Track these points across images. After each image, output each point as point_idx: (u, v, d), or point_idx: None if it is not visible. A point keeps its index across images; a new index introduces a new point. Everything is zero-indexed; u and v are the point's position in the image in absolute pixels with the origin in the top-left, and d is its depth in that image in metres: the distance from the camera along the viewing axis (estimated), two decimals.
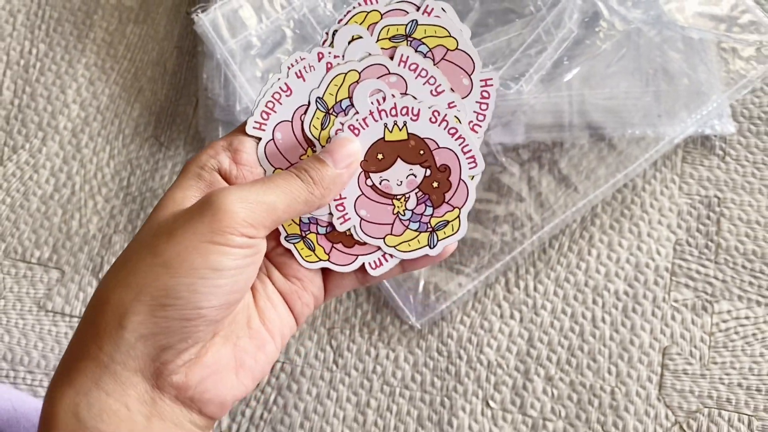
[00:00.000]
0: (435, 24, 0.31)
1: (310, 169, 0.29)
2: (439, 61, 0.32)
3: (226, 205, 0.26)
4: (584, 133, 0.54)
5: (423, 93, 0.32)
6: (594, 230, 0.54)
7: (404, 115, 0.32)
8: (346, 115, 0.32)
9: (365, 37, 0.32)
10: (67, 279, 0.55)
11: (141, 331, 0.26)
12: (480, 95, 0.32)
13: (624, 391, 0.51)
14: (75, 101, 0.59)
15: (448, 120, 0.32)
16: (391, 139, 0.32)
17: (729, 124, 0.56)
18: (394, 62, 0.31)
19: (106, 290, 0.27)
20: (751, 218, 0.54)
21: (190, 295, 0.26)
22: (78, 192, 0.57)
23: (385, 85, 0.32)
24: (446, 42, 0.31)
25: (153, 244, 0.26)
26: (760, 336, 0.52)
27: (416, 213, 0.33)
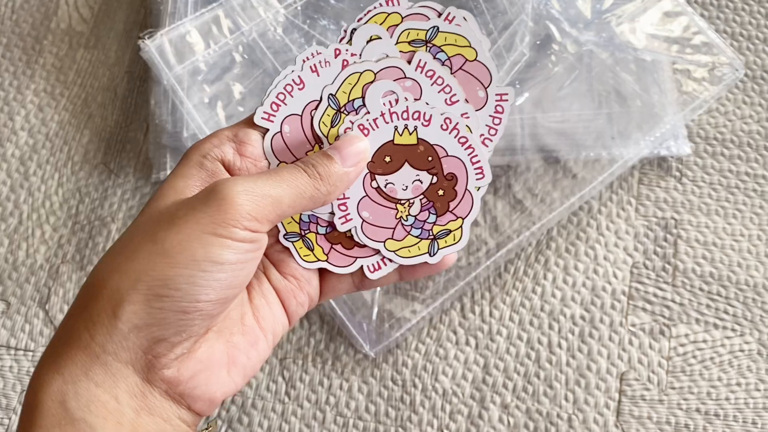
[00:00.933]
0: (456, 33, 0.31)
1: (318, 165, 0.28)
2: (457, 71, 0.31)
3: (232, 196, 0.25)
4: (537, 156, 0.53)
5: (437, 101, 0.31)
6: (550, 254, 0.54)
7: (416, 120, 0.31)
8: (357, 115, 0.31)
9: (384, 38, 0.31)
10: (12, 311, 0.53)
11: (135, 321, 0.25)
12: (494, 109, 0.32)
13: (581, 418, 0.50)
14: (23, 128, 0.58)
15: (459, 129, 0.31)
16: (401, 142, 0.32)
17: (685, 145, 0.55)
18: (411, 66, 0.31)
19: (101, 275, 0.26)
20: (708, 240, 0.54)
21: (188, 287, 0.25)
22: (25, 221, 0.56)
23: (399, 87, 0.31)
24: (466, 52, 0.31)
25: (153, 231, 0.25)
26: (718, 360, 0.51)
27: (419, 219, 0.32)
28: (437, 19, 0.31)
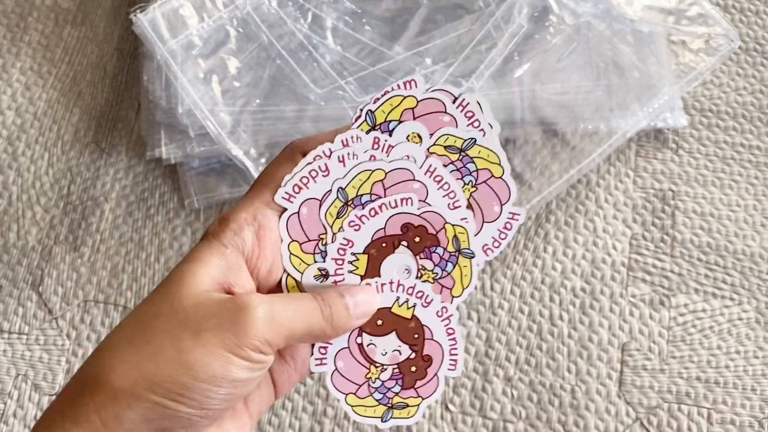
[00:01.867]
0: (490, 148, 0.32)
1: (333, 307, 0.30)
2: (481, 183, 0.33)
3: (255, 322, 0.27)
4: (537, 129, 0.53)
5: (441, 204, 0.33)
6: (549, 227, 0.54)
7: (418, 298, 0.33)
8: (363, 209, 0.32)
9: (424, 139, 0.32)
10: (4, 293, 0.52)
11: (148, 415, 0.26)
12: (504, 225, 0.33)
13: (584, 390, 0.50)
14: (10, 107, 0.57)
15: (451, 320, 0.33)
16: (396, 312, 0.33)
17: (681, 117, 0.56)
18: (421, 170, 0.32)
19: (117, 366, 0.27)
20: (705, 210, 0.54)
21: (202, 399, 0.26)
22: (15, 202, 0.54)
23: (413, 262, 0.33)
24: (494, 168, 0.33)
25: (179, 338, 0.27)
26: (717, 328, 0.51)
27: (385, 386, 0.34)
28: (476, 131, 0.32)
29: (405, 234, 0.33)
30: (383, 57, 0.52)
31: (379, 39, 0.53)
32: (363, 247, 0.33)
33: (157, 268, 0.53)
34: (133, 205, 0.54)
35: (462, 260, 0.33)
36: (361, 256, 0.33)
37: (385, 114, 0.32)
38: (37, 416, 0.50)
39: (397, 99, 0.32)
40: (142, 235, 0.53)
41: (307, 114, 0.51)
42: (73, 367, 0.50)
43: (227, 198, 0.53)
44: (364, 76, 0.52)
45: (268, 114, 0.51)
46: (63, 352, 0.51)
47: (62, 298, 0.52)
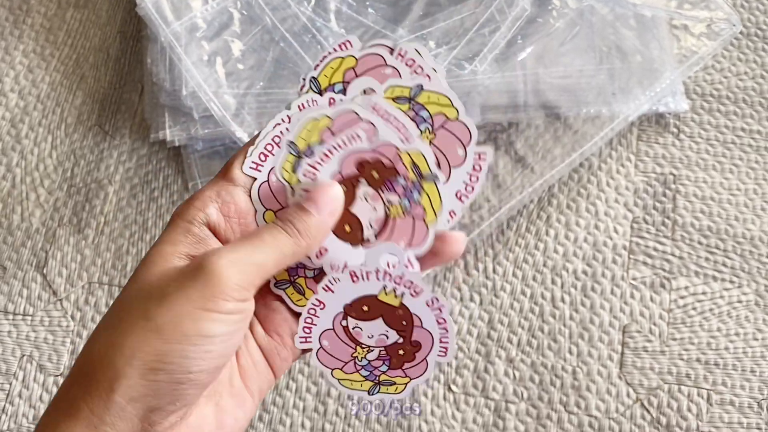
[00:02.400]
0: (439, 92, 0.31)
1: (296, 220, 0.29)
2: (438, 128, 0.32)
3: (219, 270, 0.26)
4: (539, 112, 0.53)
5: (393, 138, 0.32)
6: (551, 210, 0.54)
7: (407, 288, 0.32)
8: (314, 156, 0.32)
9: (377, 90, 0.31)
10: (9, 275, 0.52)
11: (131, 394, 0.26)
12: (472, 167, 0.32)
13: (585, 371, 0.50)
14: (13, 90, 0.57)
15: (442, 309, 0.32)
16: (383, 300, 0.33)
17: (682, 101, 0.56)
18: (366, 109, 0.31)
19: (97, 350, 0.27)
20: (705, 194, 0.55)
21: (181, 360, 0.26)
22: (19, 185, 0.54)
23: (398, 249, 0.32)
24: (447, 111, 0.32)
25: (145, 308, 0.26)
26: (717, 311, 0.52)
27: (372, 365, 0.33)
28: (421, 77, 0.31)
29: (362, 172, 0.32)
30: (386, 40, 0.53)
31: (383, 22, 0.53)
32: None
33: None
34: (137, 188, 0.54)
35: (427, 185, 0.32)
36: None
37: (328, 78, 0.32)
38: (42, 396, 0.50)
39: (336, 62, 0.31)
40: (146, 217, 0.54)
41: None
42: (78, 347, 0.51)
43: None
44: None
45: (272, 96, 0.51)
46: (68, 333, 0.51)
47: (66, 280, 0.52)
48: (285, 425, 0.49)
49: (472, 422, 0.49)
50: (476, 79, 0.51)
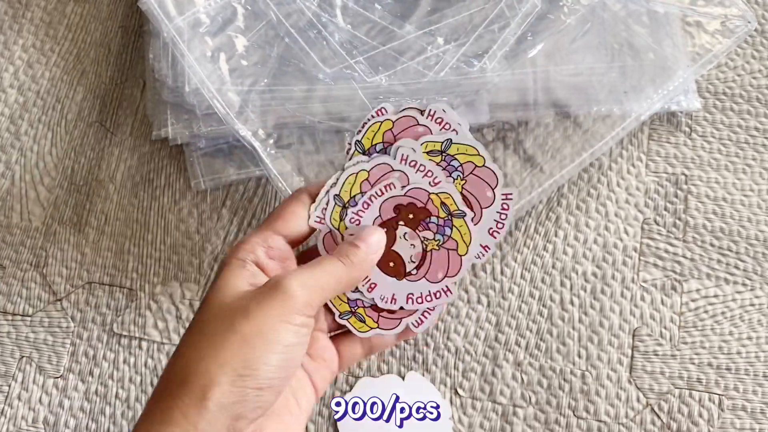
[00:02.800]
0: (466, 143, 0.37)
1: (349, 254, 0.34)
2: (468, 175, 0.37)
3: (292, 290, 0.31)
4: (549, 111, 0.52)
5: (423, 183, 0.37)
6: (560, 211, 0.53)
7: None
8: (357, 206, 0.37)
9: (417, 150, 0.37)
10: (8, 275, 0.51)
11: (222, 400, 0.29)
12: (501, 206, 0.37)
13: (595, 375, 0.49)
14: (12, 85, 0.56)
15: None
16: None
17: (695, 100, 0.55)
18: (397, 160, 0.37)
19: (186, 362, 0.30)
20: (718, 195, 0.54)
21: (264, 367, 0.30)
22: (18, 182, 0.53)
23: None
24: (475, 159, 0.37)
25: (231, 322, 0.30)
26: (729, 314, 0.51)
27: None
28: (450, 132, 0.37)
29: (399, 214, 0.37)
30: (394, 36, 0.51)
31: (390, 17, 0.52)
32: None
33: (163, 250, 0.52)
34: (139, 186, 0.53)
35: (456, 221, 0.37)
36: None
37: (370, 140, 0.37)
38: (42, 398, 0.49)
39: (375, 125, 0.37)
40: (148, 216, 0.53)
41: (316, 94, 0.50)
42: (78, 349, 0.50)
43: (234, 179, 0.53)
44: (374, 56, 0.51)
45: (277, 94, 0.50)
46: (67, 334, 0.50)
47: (66, 280, 0.51)
48: None
49: (479, 427, 0.48)
50: (485, 76, 0.50)
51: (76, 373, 0.49)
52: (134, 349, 0.50)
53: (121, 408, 0.49)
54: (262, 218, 0.52)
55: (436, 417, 0.48)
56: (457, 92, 0.49)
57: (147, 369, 0.49)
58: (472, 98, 0.51)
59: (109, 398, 0.49)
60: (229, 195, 0.53)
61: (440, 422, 0.48)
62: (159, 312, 0.50)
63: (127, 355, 0.50)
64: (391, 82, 0.49)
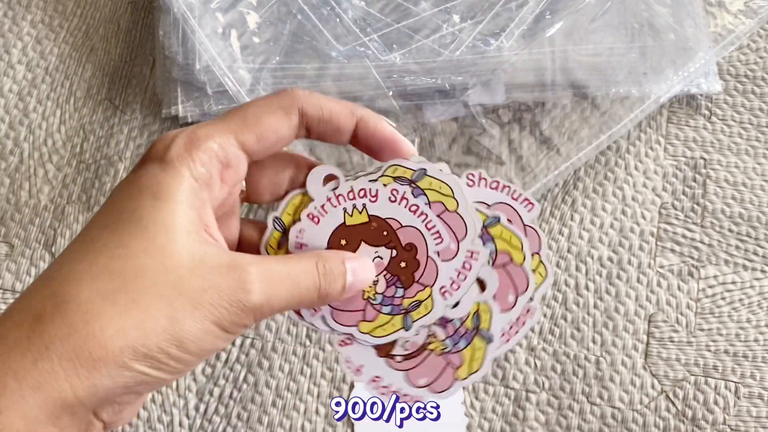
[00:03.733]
0: (442, 180, 0.31)
1: (331, 282, 0.28)
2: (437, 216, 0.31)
3: (254, 305, 0.25)
4: (567, 92, 0.51)
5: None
6: (577, 194, 0.52)
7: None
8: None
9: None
10: (17, 253, 0.51)
11: (127, 383, 0.24)
12: (462, 265, 0.31)
13: (609, 361, 0.49)
14: (20, 62, 0.55)
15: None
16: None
17: (715, 82, 0.54)
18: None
19: (95, 333, 0.23)
20: (737, 180, 0.53)
21: (185, 367, 0.25)
22: (27, 160, 0.53)
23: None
24: (447, 201, 0.31)
25: (172, 308, 0.24)
26: (747, 301, 0.50)
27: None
28: (426, 162, 0.31)
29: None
30: (409, 13, 0.50)
31: None
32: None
33: None
34: None
35: (477, 341, 0.31)
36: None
37: (291, 215, 0.31)
38: None
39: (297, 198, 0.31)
40: None
41: (328, 72, 0.49)
42: None
43: None
44: (388, 33, 0.50)
45: (289, 72, 0.49)
46: None
47: None
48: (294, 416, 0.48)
49: (491, 411, 0.48)
50: (502, 56, 0.49)
51: None
52: None
53: None
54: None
55: (435, 417, 0.47)
56: (473, 71, 0.48)
57: None
58: (488, 78, 0.50)
59: None
60: None
61: (452, 407, 0.47)
62: None
63: None
64: (405, 61, 0.48)
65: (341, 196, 0.31)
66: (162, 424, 0.48)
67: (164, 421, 0.48)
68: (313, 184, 0.31)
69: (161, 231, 0.24)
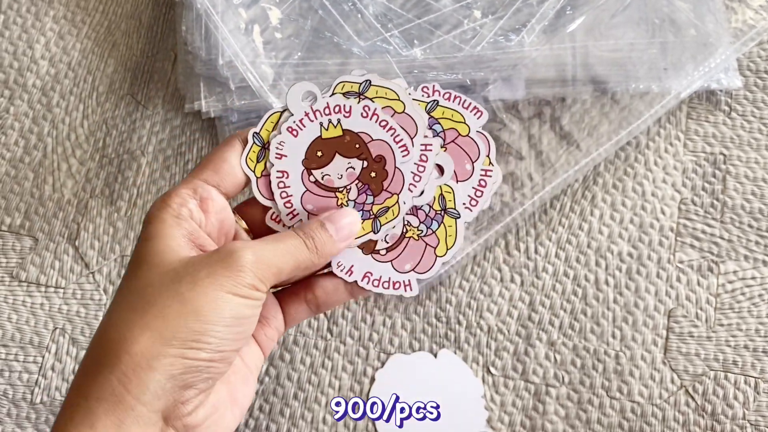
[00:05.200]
0: (452, 108, 0.35)
1: (316, 238, 0.32)
2: (449, 143, 0.35)
3: (246, 263, 0.29)
4: (587, 87, 0.51)
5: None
6: (596, 190, 0.52)
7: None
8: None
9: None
10: (41, 247, 0.51)
11: (172, 371, 0.27)
12: (478, 183, 0.35)
13: (629, 356, 0.49)
14: (44, 57, 0.55)
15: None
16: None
17: (736, 78, 0.54)
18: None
19: (123, 333, 0.28)
20: (757, 176, 0.53)
21: (217, 340, 0.28)
22: (50, 154, 0.53)
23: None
24: (460, 127, 0.35)
25: (177, 291, 0.28)
26: (767, 296, 0.50)
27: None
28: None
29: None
30: (430, 9, 0.51)
31: None
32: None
33: None
34: (170, 159, 0.53)
35: (447, 220, 0.35)
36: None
37: (269, 131, 0.35)
38: (75, 370, 0.49)
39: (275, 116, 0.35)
40: None
41: (350, 68, 0.50)
42: None
43: None
44: (409, 29, 0.50)
45: (310, 67, 0.50)
46: (100, 307, 0.50)
47: (99, 253, 0.51)
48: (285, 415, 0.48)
49: (511, 405, 0.48)
50: (523, 51, 0.49)
51: None
52: None
53: None
54: None
55: (436, 417, 0.48)
56: (494, 67, 0.48)
57: None
58: (509, 73, 0.50)
59: None
60: None
61: (473, 401, 0.48)
62: None
63: None
64: (426, 56, 0.49)
65: (318, 111, 0.34)
66: None
67: None
68: (292, 100, 0.34)
69: (157, 256, 0.29)
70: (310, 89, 0.34)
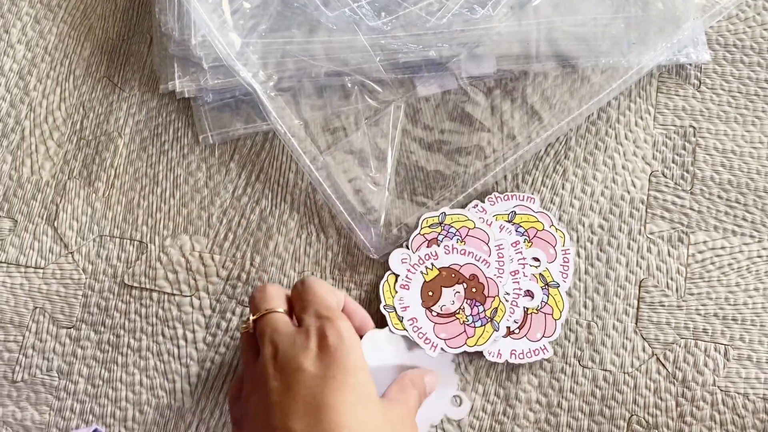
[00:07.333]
0: (527, 213, 0.50)
1: (423, 396, 0.43)
2: (534, 237, 0.49)
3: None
4: (551, 62, 0.52)
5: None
6: (568, 164, 0.53)
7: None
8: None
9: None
10: (20, 228, 0.52)
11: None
12: (562, 260, 0.49)
13: (600, 325, 0.50)
14: (20, 41, 0.56)
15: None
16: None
17: (704, 52, 0.54)
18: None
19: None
20: (726, 148, 0.53)
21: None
22: (28, 137, 0.54)
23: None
24: (536, 225, 0.50)
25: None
26: (736, 266, 0.51)
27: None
28: (515, 200, 0.51)
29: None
30: None
31: None
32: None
33: (172, 204, 0.52)
34: (147, 141, 0.54)
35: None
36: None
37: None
38: (55, 348, 0.50)
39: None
40: (157, 170, 0.53)
41: (317, 38, 0.50)
42: (90, 300, 0.51)
43: (242, 134, 0.53)
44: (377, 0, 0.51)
45: (278, 36, 0.50)
46: (80, 286, 0.51)
47: (78, 233, 0.52)
48: None
49: (485, 375, 0.49)
50: (489, 26, 0.49)
51: (88, 324, 0.50)
52: (145, 300, 0.51)
53: (133, 357, 0.50)
54: (270, 173, 0.52)
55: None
56: (460, 40, 0.49)
57: (158, 319, 0.50)
58: (475, 46, 0.50)
59: (122, 348, 0.50)
60: (237, 149, 0.53)
61: (446, 370, 0.48)
62: (169, 264, 0.51)
63: (138, 306, 0.50)
64: (393, 27, 0.49)
65: (414, 265, 0.48)
66: (164, 390, 0.49)
67: (167, 388, 0.49)
68: (395, 264, 0.48)
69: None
70: (401, 256, 0.48)
